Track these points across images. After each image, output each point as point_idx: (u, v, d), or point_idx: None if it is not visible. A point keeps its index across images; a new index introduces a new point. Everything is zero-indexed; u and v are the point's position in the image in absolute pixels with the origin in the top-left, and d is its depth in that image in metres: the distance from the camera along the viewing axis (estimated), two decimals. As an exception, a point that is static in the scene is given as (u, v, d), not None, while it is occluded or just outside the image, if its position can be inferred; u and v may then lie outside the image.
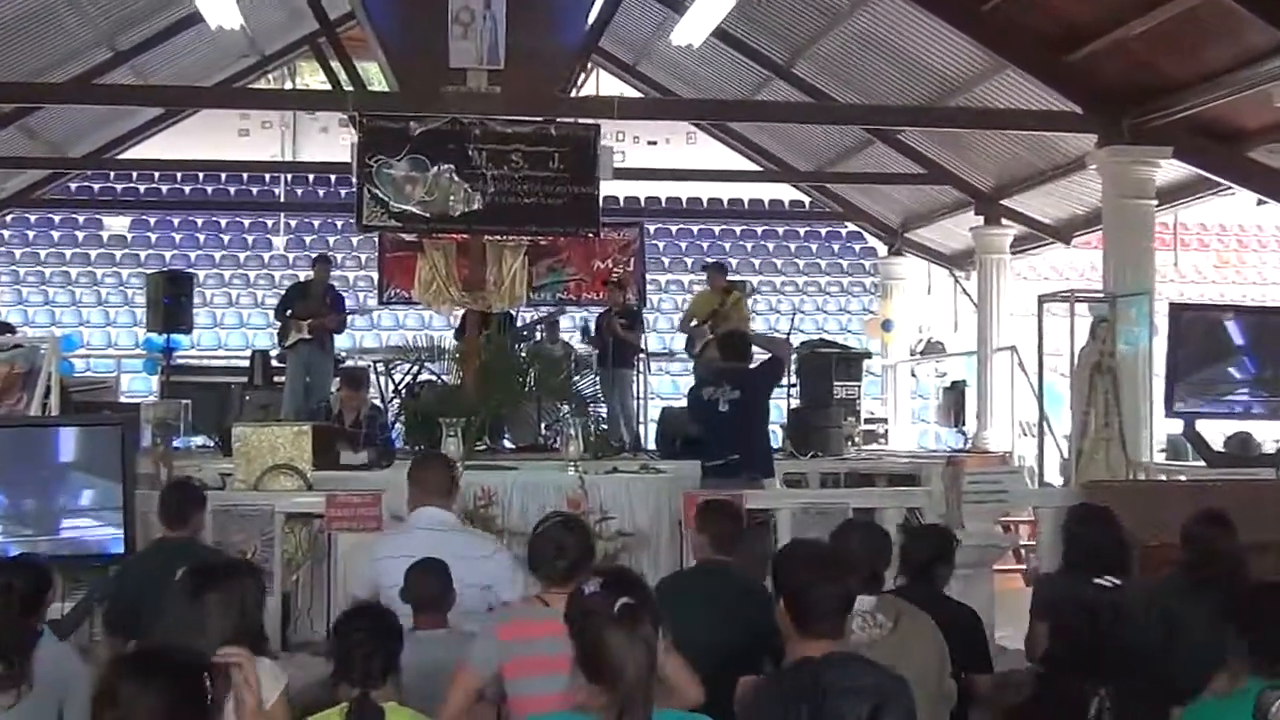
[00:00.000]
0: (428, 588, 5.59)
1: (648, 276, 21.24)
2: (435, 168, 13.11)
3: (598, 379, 15.64)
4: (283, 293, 16.55)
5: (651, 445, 14.82)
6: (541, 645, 4.62)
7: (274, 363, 16.71)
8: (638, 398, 16.31)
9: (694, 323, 15.77)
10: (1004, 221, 19.60)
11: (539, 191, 13.27)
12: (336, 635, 4.84)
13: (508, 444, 14.34)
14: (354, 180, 13.30)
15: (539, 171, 13.28)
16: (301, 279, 16.56)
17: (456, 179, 13.13)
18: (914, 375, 24.14)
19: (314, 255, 18.03)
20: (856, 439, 17.43)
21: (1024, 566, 12.32)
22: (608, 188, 14.93)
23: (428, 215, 13.18)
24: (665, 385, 23.04)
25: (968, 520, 8.61)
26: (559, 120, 13.86)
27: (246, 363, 17.90)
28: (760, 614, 5.74)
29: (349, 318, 16.56)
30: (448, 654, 5.19)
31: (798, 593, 4.10)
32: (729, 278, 16.73)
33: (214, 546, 7.32)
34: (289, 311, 15.25)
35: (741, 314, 15.46)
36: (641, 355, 16.52)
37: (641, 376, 16.60)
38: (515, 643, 4.91)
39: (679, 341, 24.80)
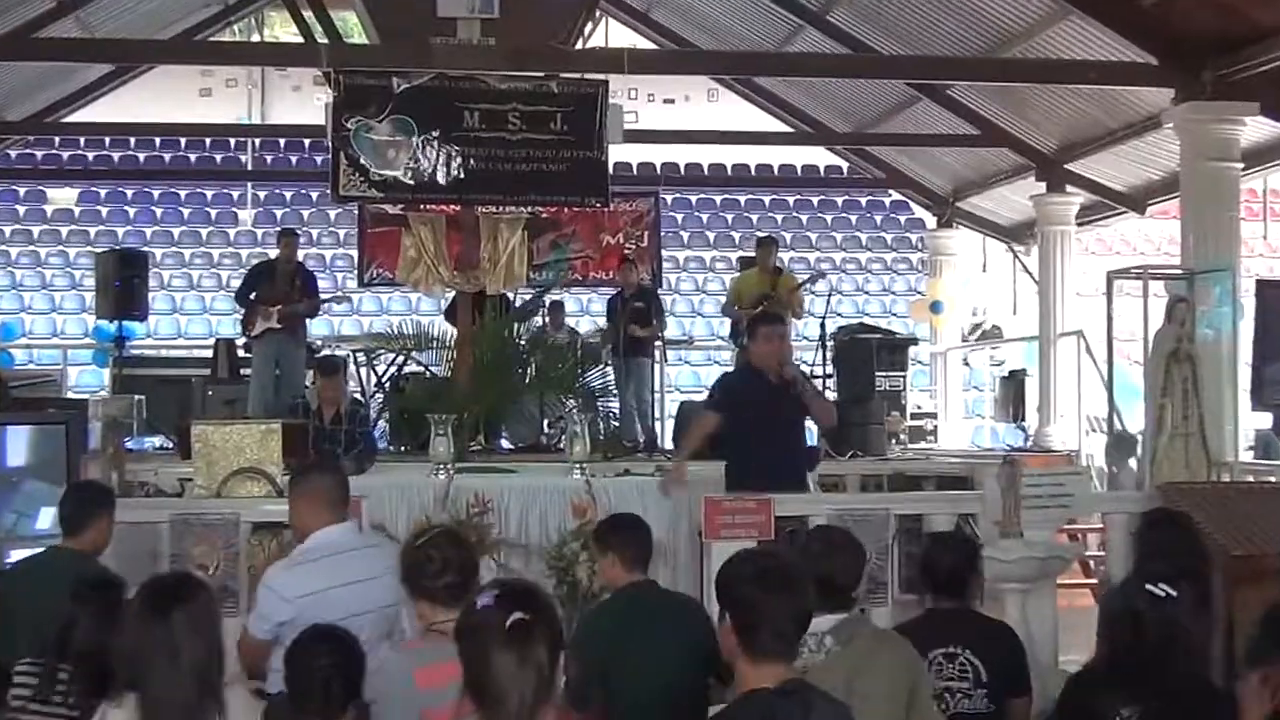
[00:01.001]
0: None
1: (664, 252, 21.26)
2: (421, 130, 13.11)
3: (609, 370, 15.64)
4: (245, 274, 16.54)
5: (669, 444, 14.80)
6: (454, 693, 4.67)
7: (240, 353, 16.72)
8: (654, 391, 16.29)
9: (737, 307, 15.63)
10: (1069, 188, 19.52)
11: (539, 156, 13.27)
12: (290, 662, 4.88)
13: (505, 444, 14.34)
14: (329, 145, 13.30)
15: (539, 134, 13.28)
16: (271, 257, 16.54)
17: (445, 143, 13.14)
18: (967, 364, 24.10)
19: (280, 230, 18.03)
20: (901, 436, 17.41)
21: (1093, 580, 12.33)
22: (618, 152, 14.92)
23: (412, 183, 13.19)
24: (684, 377, 23.04)
25: (1027, 528, 8.57)
26: (562, 76, 13.83)
27: (209, 353, 17.92)
28: (700, 633, 5.92)
29: (325, 302, 16.55)
30: None
31: (744, 612, 4.08)
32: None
33: (104, 564, 7.20)
34: (254, 296, 15.23)
35: (797, 300, 15.37)
36: (659, 343, 16.49)
37: (658, 367, 16.58)
38: (432, 691, 4.81)
39: (700, 327, 24.92)
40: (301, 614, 5.61)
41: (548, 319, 16.83)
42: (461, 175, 13.18)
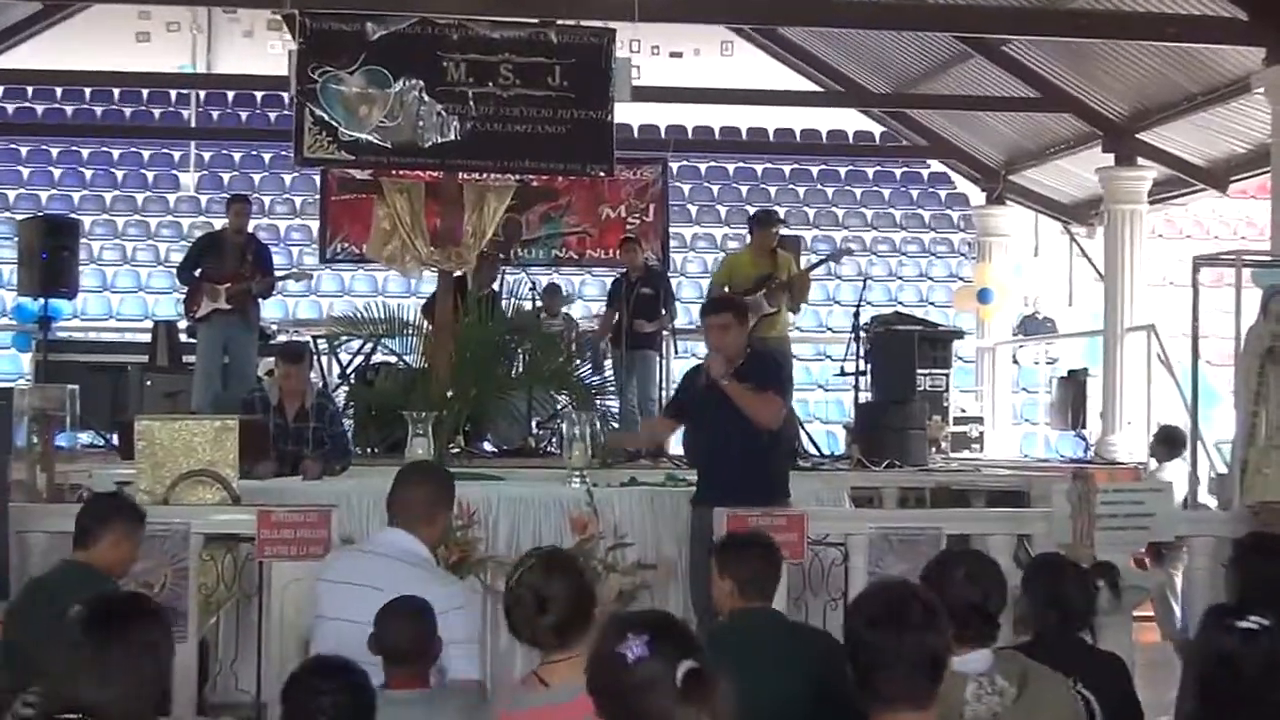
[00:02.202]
0: (404, 636, 5.56)
1: (670, 229, 21.14)
2: (399, 83, 13.00)
3: (609, 363, 15.60)
4: (190, 248, 16.45)
5: (676, 449, 14.75)
6: None
7: (183, 338, 16.67)
8: (660, 388, 16.24)
9: (726, 290, 15.49)
10: (1140, 161, 19.49)
11: (535, 116, 13.16)
12: (288, 701, 4.80)
13: (488, 446, 14.30)
14: (291, 99, 13.21)
15: (535, 90, 13.18)
16: (218, 227, 16.46)
17: (427, 98, 13.04)
18: (1015, 362, 24.03)
19: (229, 196, 17.97)
20: (943, 444, 17.31)
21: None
22: (618, 112, 14.83)
23: (388, 146, 13.07)
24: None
25: (1101, 552, 8.53)
26: (560, 23, 13.78)
27: (144, 337, 17.90)
28: (823, 674, 5.82)
29: (281, 279, 16.50)
30: None
31: (860, 650, 4.06)
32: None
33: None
34: (199, 272, 15.13)
35: (803, 283, 15.17)
36: (668, 333, 16.43)
37: (665, 361, 16.52)
38: None
39: (708, 314, 24.82)
40: (319, 600, 6.27)
41: (541, 303, 16.77)
42: (445, 138, 13.10)
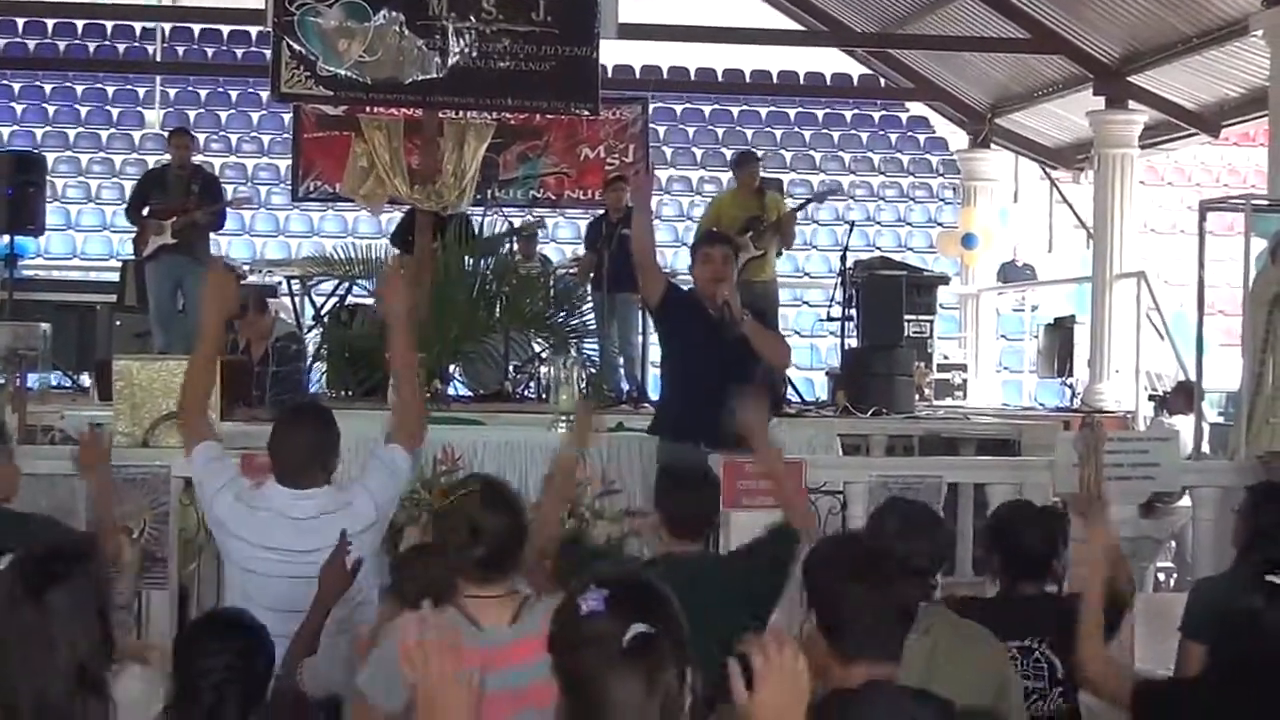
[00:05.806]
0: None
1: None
2: (379, 16, 12.95)
3: (589, 306, 15.49)
4: (135, 185, 16.09)
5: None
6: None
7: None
8: (641, 333, 16.14)
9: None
10: (1132, 105, 19.43)
11: (518, 52, 13.12)
12: (178, 656, 4.70)
13: (462, 390, 14.21)
14: (270, 31, 13.11)
15: (518, 25, 13.13)
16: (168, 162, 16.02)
17: (408, 33, 12.94)
18: (997, 310, 23.98)
19: (169, 130, 17.64)
20: (927, 391, 17.27)
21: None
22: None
23: (368, 81, 13.01)
24: (664, 316, 22.84)
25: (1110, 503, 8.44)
26: (543, -46, 13.67)
27: (108, 276, 17.73)
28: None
29: (229, 205, 16.17)
30: None
31: (830, 604, 4.04)
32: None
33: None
34: (147, 210, 14.81)
35: (790, 224, 15.09)
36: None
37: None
38: None
39: (684, 258, 24.68)
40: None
41: (517, 244, 16.63)
42: (426, 73, 13.00)
